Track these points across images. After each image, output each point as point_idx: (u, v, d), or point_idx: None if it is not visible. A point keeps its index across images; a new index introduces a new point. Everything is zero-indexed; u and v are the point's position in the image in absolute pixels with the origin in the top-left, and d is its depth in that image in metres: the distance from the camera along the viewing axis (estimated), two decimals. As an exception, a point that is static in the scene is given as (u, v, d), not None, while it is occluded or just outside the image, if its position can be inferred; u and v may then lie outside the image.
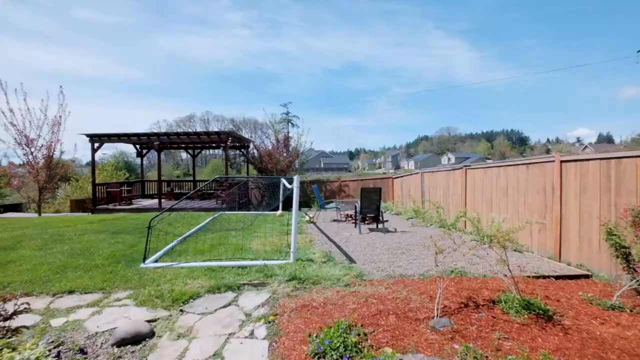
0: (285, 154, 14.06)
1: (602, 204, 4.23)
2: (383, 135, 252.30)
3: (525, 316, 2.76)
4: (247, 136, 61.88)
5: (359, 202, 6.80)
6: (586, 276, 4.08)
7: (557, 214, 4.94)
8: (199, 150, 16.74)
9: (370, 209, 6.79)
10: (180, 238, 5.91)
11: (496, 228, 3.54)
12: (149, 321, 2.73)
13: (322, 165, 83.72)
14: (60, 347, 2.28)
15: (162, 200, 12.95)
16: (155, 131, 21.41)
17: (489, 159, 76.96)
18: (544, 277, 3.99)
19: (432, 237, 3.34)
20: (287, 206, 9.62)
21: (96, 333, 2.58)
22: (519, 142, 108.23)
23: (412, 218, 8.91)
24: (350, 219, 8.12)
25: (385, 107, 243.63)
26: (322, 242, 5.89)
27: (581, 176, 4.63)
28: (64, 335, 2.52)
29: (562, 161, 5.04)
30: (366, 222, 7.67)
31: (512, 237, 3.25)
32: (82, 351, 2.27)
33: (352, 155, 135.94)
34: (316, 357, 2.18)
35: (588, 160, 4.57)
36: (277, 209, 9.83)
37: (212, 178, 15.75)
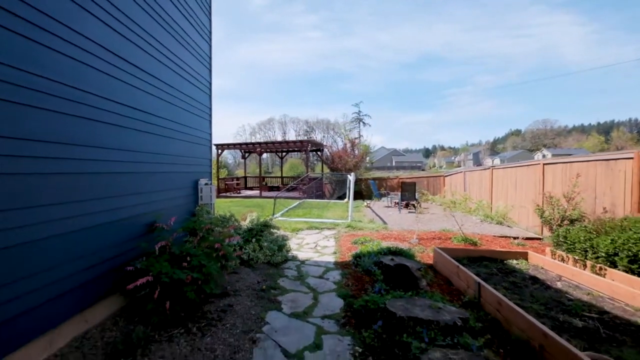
0: (352, 156, 17.35)
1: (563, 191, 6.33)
2: (465, 131, 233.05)
3: (462, 243, 5.42)
4: (320, 136, 66.43)
5: (400, 193, 9.64)
6: (538, 238, 6.24)
7: (540, 201, 7.02)
8: (285, 153, 21.34)
9: (408, 197, 9.56)
10: (285, 209, 9.78)
11: (496, 211, 6.11)
12: (285, 237, 6.36)
13: (393, 164, 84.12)
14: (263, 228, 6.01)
15: (260, 191, 17.72)
16: (259, 141, 27.07)
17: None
18: (506, 237, 6.32)
19: (437, 215, 6.17)
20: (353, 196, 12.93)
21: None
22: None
23: (449, 207, 11.19)
24: (396, 205, 10.93)
25: (468, 100, 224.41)
26: (372, 216, 8.99)
27: (560, 174, 6.70)
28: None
29: (544, 164, 7.06)
30: (408, 207, 10.39)
31: (506, 217, 5.78)
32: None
33: (429, 152, 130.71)
34: (354, 245, 5.38)
35: (572, 162, 6.56)
36: (343, 197, 13.20)
37: (296, 175, 20.04)
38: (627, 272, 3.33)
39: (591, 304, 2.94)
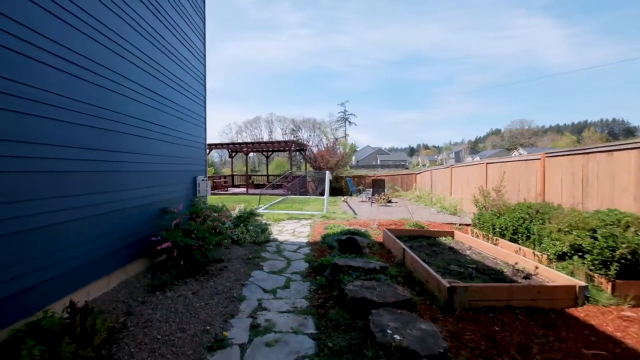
0: (333, 155, 18.60)
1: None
2: (450, 130, 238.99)
3: (413, 227, 6.72)
4: (306, 135, 67.09)
5: (372, 189, 10.94)
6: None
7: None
8: (271, 153, 22.37)
9: (378, 192, 10.87)
10: (270, 204, 10.90)
11: (447, 202, 7.43)
12: (268, 224, 7.49)
13: (378, 162, 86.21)
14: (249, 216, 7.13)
15: (247, 188, 18.71)
16: (245, 141, 27.83)
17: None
18: (451, 223, 7.68)
19: (405, 207, 7.45)
20: (332, 192, 14.16)
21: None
22: (625, 133, 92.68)
23: (416, 201, 12.61)
24: (369, 199, 12.25)
25: (453, 99, 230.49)
26: (346, 209, 10.23)
27: (497, 171, 8.12)
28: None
29: (487, 163, 8.48)
30: (379, 202, 11.71)
31: (458, 208, 7.08)
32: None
33: (413, 151, 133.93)
34: (325, 230, 6.59)
35: (505, 162, 8.02)
36: (323, 193, 14.42)
37: (282, 173, 21.11)
38: (510, 241, 4.67)
39: (477, 260, 4.25)
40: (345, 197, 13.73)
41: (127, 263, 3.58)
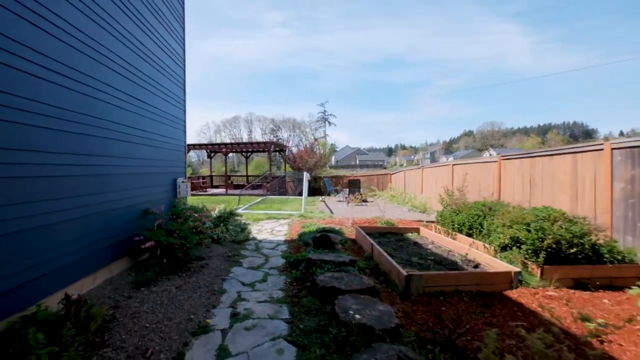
0: (312, 156, 18.98)
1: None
2: (426, 131, 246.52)
3: (384, 225, 7.21)
4: (286, 134, 66.82)
5: (348, 189, 11.40)
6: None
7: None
8: (250, 153, 22.40)
9: (354, 192, 11.36)
10: (249, 204, 11.10)
11: (417, 201, 7.96)
12: (247, 223, 7.73)
13: (357, 162, 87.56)
14: (229, 216, 7.34)
15: (226, 189, 18.69)
16: (224, 141, 27.55)
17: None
18: (419, 220, 8.27)
19: (381, 207, 7.90)
20: (311, 192, 14.51)
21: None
22: (584, 135, 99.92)
23: (390, 200, 13.25)
24: (346, 199, 12.73)
25: (429, 101, 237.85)
26: (323, 208, 10.63)
27: (462, 172, 8.80)
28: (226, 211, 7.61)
29: (453, 165, 9.17)
30: (355, 201, 12.22)
31: (427, 206, 7.60)
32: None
33: (391, 151, 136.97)
34: (302, 229, 6.94)
35: (469, 164, 8.70)
36: (302, 193, 14.77)
37: (261, 173, 21.21)
38: (466, 235, 5.24)
39: (437, 253, 4.76)
40: (323, 197, 14.14)
41: (112, 262, 3.75)
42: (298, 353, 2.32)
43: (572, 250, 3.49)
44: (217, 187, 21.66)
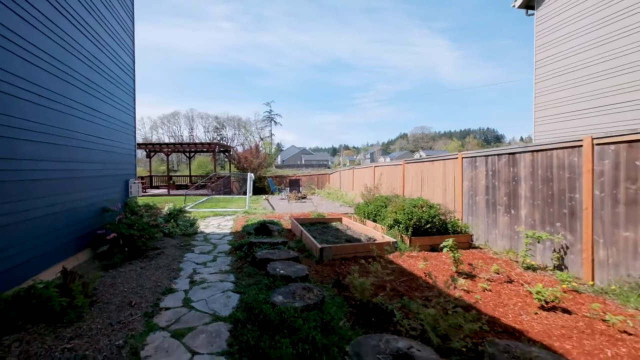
0: (256, 157, 19.83)
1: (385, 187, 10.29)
2: (368, 132, 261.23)
3: (317, 216, 8.66)
4: (231, 133, 65.03)
5: (289, 187, 12.69)
6: (365, 213, 10.09)
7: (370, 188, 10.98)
8: (194, 153, 22.22)
9: (293, 191, 12.70)
10: (195, 203, 11.65)
11: (348, 197, 9.46)
12: (196, 219, 8.49)
13: (303, 162, 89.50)
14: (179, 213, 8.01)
15: (169, 189, 18.46)
16: (170, 141, 26.36)
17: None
18: (346, 213, 9.95)
19: (315, 202, 9.22)
20: (256, 192, 15.45)
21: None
22: (494, 140, 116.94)
23: (327, 197, 14.93)
24: (288, 197, 14.03)
25: (371, 105, 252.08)
26: (266, 205, 11.74)
27: (379, 172, 10.69)
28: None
29: (374, 167, 11.08)
30: (294, 198, 13.58)
31: (355, 201, 9.10)
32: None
33: (335, 151, 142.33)
34: (246, 222, 8.00)
35: (385, 166, 10.61)
36: (246, 192, 15.63)
37: (205, 173, 21.24)
38: (373, 221, 6.93)
39: (350, 235, 6.33)
40: (267, 195, 15.22)
41: (78, 252, 4.44)
42: (240, 296, 3.51)
43: (428, 226, 5.29)
44: (157, 187, 21.06)
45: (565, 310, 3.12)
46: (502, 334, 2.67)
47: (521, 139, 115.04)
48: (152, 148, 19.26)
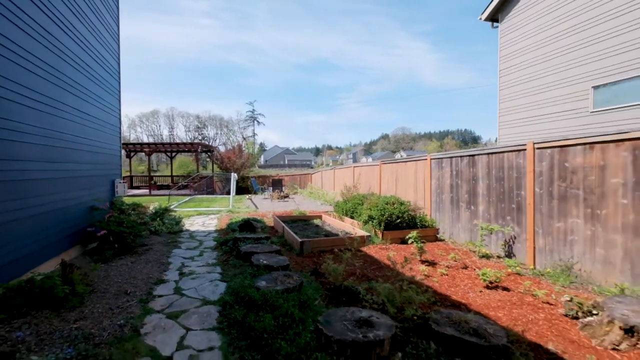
0: (239, 157, 19.99)
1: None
2: (350, 132, 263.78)
3: (299, 215, 9.08)
4: (213, 132, 64.14)
5: (272, 187, 13.05)
6: (345, 211, 10.62)
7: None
8: (175, 153, 22.05)
9: (276, 190, 13.07)
10: (178, 203, 11.79)
11: (329, 196, 9.90)
12: (181, 217, 8.70)
13: (286, 162, 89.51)
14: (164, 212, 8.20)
15: (150, 189, 18.31)
16: (150, 141, 25.86)
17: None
18: (327, 211, 10.43)
19: (297, 201, 9.60)
20: (239, 191, 15.68)
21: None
22: (472, 141, 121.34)
23: (309, 196, 15.39)
24: (271, 196, 14.37)
25: (354, 105, 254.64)
26: (250, 204, 12.05)
27: (359, 172, 11.25)
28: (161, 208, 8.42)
29: (354, 167, 11.64)
30: (277, 197, 13.94)
31: (335, 199, 9.55)
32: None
33: (318, 151, 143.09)
34: (230, 220, 8.31)
35: (364, 166, 11.17)
36: (230, 192, 15.83)
37: (187, 173, 21.15)
38: (350, 218, 7.45)
39: (329, 230, 6.81)
40: (250, 195, 15.49)
41: (70, 248, 4.66)
42: (227, 284, 3.90)
43: (399, 221, 5.85)
44: (138, 187, 20.76)
45: (505, 289, 3.71)
46: (450, 307, 3.21)
47: (496, 140, 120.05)
48: (132, 148, 19.00)
